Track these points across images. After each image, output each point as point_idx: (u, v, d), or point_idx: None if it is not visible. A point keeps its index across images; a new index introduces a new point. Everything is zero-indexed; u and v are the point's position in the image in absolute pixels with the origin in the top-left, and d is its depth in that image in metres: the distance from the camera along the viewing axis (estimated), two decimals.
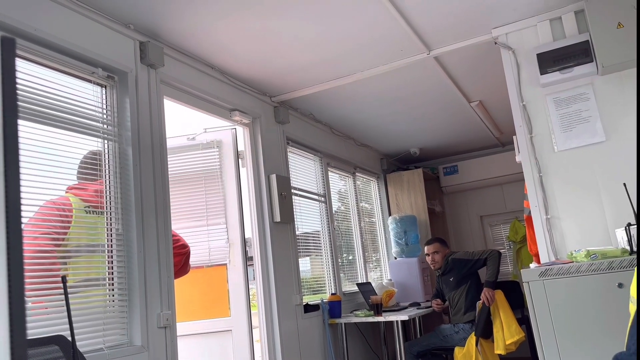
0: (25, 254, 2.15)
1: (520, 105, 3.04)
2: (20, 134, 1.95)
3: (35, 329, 2.02)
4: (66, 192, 2.39)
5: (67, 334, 2.12)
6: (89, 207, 2.40)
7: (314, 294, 4.23)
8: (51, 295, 2.15)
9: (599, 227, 2.71)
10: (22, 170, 2.04)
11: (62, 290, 2.20)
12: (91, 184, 2.45)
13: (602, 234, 2.69)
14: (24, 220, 2.14)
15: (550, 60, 2.92)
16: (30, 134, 2.18)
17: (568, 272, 2.15)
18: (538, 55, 2.94)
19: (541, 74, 2.94)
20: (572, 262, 2.29)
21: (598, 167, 2.80)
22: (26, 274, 2.13)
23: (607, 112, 2.83)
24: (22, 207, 1.90)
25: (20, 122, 2.12)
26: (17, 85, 1.90)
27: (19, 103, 2.12)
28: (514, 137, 3.11)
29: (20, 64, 2.21)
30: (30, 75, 2.23)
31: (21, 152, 2.10)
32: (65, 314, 1.45)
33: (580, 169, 2.84)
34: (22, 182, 2.02)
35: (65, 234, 2.29)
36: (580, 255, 2.21)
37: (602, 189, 2.76)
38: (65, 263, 2.29)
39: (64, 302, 1.39)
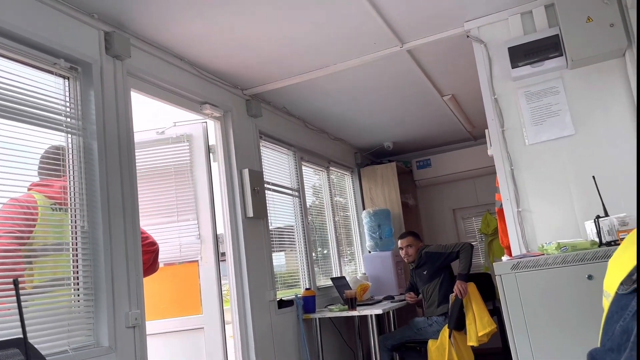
0: None
1: (492, 99, 3.06)
2: None
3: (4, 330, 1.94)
4: (29, 189, 2.29)
5: (29, 336, 2.04)
6: (55, 204, 2.31)
7: (288, 289, 4.20)
8: (14, 297, 2.05)
9: (569, 220, 2.75)
10: None
11: (25, 292, 2.12)
12: (56, 180, 2.36)
13: (572, 227, 2.72)
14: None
15: (521, 54, 2.93)
16: None
17: (539, 265, 2.17)
18: (509, 48, 2.95)
19: (512, 68, 2.95)
20: (543, 254, 2.30)
21: (567, 160, 2.83)
22: None
23: (576, 105, 2.86)
24: None
25: None
26: None
27: None
28: (486, 130, 3.13)
29: None
30: None
31: None
32: (19, 317, 1.37)
33: (550, 162, 2.87)
34: None
35: (31, 232, 2.20)
36: (551, 247, 2.23)
37: (571, 181, 2.80)
38: (30, 262, 2.20)
39: (16, 305, 1.32)
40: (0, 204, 2.12)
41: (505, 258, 2.52)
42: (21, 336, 1.80)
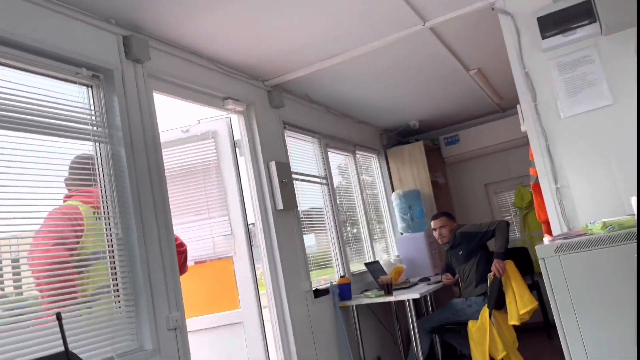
0: (41, 262, 2.11)
1: (523, 73, 2.93)
2: (5, 144, 1.85)
3: (47, 344, 1.97)
4: (64, 200, 2.31)
5: (75, 346, 2.07)
6: (96, 212, 2.34)
7: (321, 270, 4.18)
8: (68, 307, 2.12)
9: (611, 195, 2.63)
10: (10, 182, 1.96)
11: (77, 300, 2.16)
12: (93, 189, 2.37)
13: (615, 202, 2.61)
14: (30, 231, 2.09)
15: (551, 24, 2.79)
16: (18, 144, 2.09)
17: (585, 246, 2.08)
18: (538, 19, 2.81)
19: (542, 39, 2.82)
20: (587, 234, 2.22)
21: (606, 132, 2.71)
22: (44, 286, 2.11)
23: (613, 73, 2.72)
24: (17, 216, 1.77)
25: (3, 131, 2.03)
26: None
27: (2, 112, 2.03)
28: (518, 105, 3.02)
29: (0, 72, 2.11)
30: (11, 82, 2.13)
31: (8, 162, 2.02)
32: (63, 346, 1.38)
33: (588, 135, 2.75)
34: (13, 194, 1.94)
35: (78, 242, 2.24)
36: (596, 227, 2.14)
37: (612, 154, 2.67)
38: (81, 272, 2.24)
39: (61, 335, 1.32)
40: (40, 217, 2.15)
41: (546, 239, 2.43)
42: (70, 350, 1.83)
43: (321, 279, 4.15)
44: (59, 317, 1.31)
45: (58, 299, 2.10)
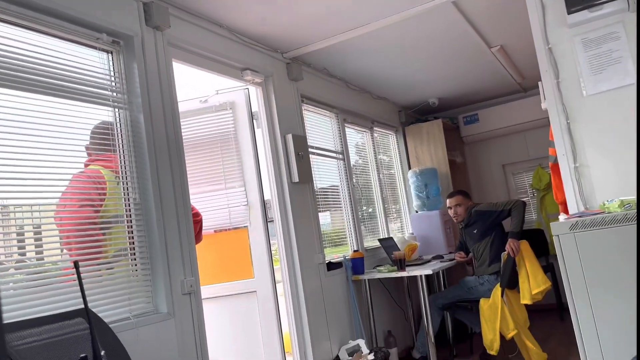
0: (70, 222, 2.20)
1: (546, 49, 2.87)
2: (27, 106, 1.89)
3: (67, 301, 2.04)
4: (86, 165, 2.36)
5: (94, 305, 2.14)
6: (117, 177, 2.39)
7: (335, 247, 4.22)
8: (92, 266, 2.21)
9: (630, 175, 2.59)
10: (31, 144, 2.01)
11: (100, 261, 2.24)
12: (113, 154, 2.42)
13: (634, 182, 2.57)
14: (51, 197, 2.15)
15: None
16: (37, 106, 2.12)
17: (600, 224, 2.07)
18: None
19: (568, 14, 2.74)
20: (603, 212, 2.19)
21: (630, 110, 2.65)
22: (74, 245, 2.19)
23: None
24: (37, 182, 1.84)
25: (25, 94, 2.07)
26: (20, 56, 1.83)
27: (24, 74, 2.06)
28: (539, 82, 2.96)
29: (22, 34, 2.14)
30: (33, 45, 2.16)
31: (29, 125, 2.06)
32: (80, 293, 1.43)
33: (611, 113, 2.69)
34: (32, 157, 1.99)
35: (101, 205, 2.30)
36: (614, 205, 2.12)
37: (634, 134, 2.62)
38: (104, 233, 2.31)
39: (78, 284, 1.37)
40: (62, 181, 2.20)
41: (562, 217, 2.41)
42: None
43: (335, 255, 4.19)
44: (76, 265, 1.35)
45: (86, 258, 2.19)
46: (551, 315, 5.24)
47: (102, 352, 1.39)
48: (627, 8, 2.64)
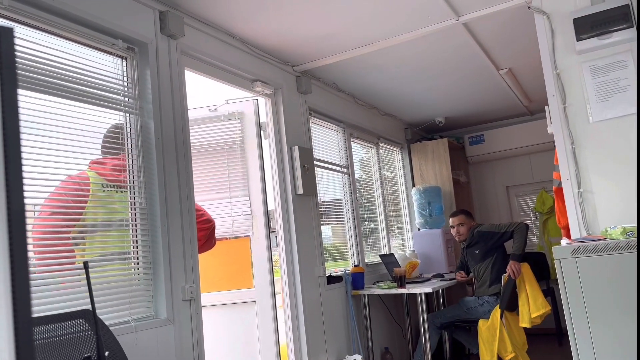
0: (39, 229, 2.16)
1: (554, 74, 2.90)
2: (40, 107, 1.92)
3: (56, 304, 2.04)
4: (88, 166, 2.37)
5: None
6: (106, 183, 2.37)
7: (336, 262, 4.23)
8: (66, 271, 2.14)
9: (633, 203, 2.60)
10: (43, 145, 2.03)
11: (80, 268, 2.19)
12: (111, 158, 2.43)
13: (637, 210, 2.58)
14: (44, 195, 2.14)
15: (587, 26, 2.75)
16: (50, 108, 2.16)
17: (602, 250, 2.07)
18: (574, 20, 2.78)
19: (577, 41, 2.78)
20: (606, 238, 2.20)
21: (635, 139, 2.67)
22: (36, 249, 2.13)
23: None
24: (45, 182, 1.87)
25: (40, 95, 2.10)
26: (37, 58, 1.86)
27: (38, 76, 2.10)
28: (546, 107, 2.98)
29: (39, 36, 2.18)
30: (49, 48, 2.20)
31: (41, 126, 2.09)
32: (88, 293, 1.44)
33: (616, 141, 2.71)
34: (43, 157, 2.01)
35: (83, 209, 2.27)
36: (616, 232, 2.13)
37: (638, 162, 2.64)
38: (83, 238, 2.28)
39: (86, 283, 1.38)
40: (60, 181, 2.20)
41: (564, 241, 2.42)
42: (87, 308, 1.90)
43: (335, 270, 4.19)
44: (85, 265, 1.37)
45: (50, 269, 2.10)
46: (550, 340, 5.20)
47: (107, 353, 1.40)
48: (636, 37, 2.67)
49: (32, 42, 2.13)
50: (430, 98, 4.97)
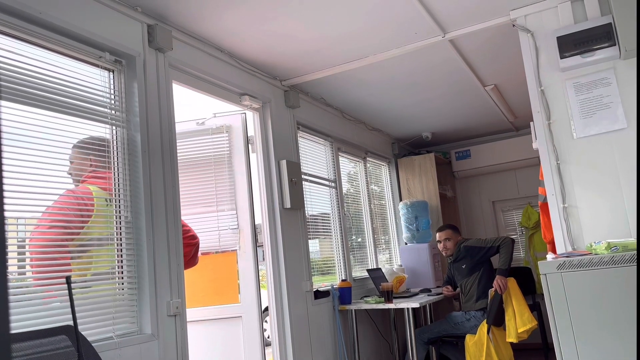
0: (36, 244, 2.13)
1: (539, 91, 2.95)
2: (25, 119, 1.89)
3: (44, 318, 2.00)
4: (82, 181, 2.34)
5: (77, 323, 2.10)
6: (109, 197, 2.37)
7: (323, 276, 4.21)
8: (60, 285, 2.12)
9: (618, 218, 2.64)
10: (27, 158, 2.00)
11: (76, 282, 2.18)
12: (109, 172, 2.41)
13: (622, 225, 2.61)
14: (41, 208, 2.12)
15: (570, 44, 2.81)
16: (36, 120, 2.13)
17: (588, 265, 2.09)
18: (558, 38, 2.84)
19: (561, 58, 2.84)
20: (591, 253, 2.22)
21: (618, 155, 2.71)
22: (33, 262, 2.11)
23: (629, 97, 2.73)
24: (27, 195, 1.84)
25: (25, 107, 2.08)
26: (23, 70, 1.84)
27: (25, 88, 2.08)
28: (531, 123, 3.03)
29: (26, 49, 2.16)
30: (36, 60, 2.18)
31: (26, 139, 2.06)
32: (70, 310, 1.41)
33: (599, 156, 2.75)
34: (27, 170, 1.98)
35: (84, 224, 2.26)
36: (601, 247, 2.15)
37: (622, 178, 2.68)
38: (84, 252, 2.26)
39: (69, 299, 1.36)
40: (44, 194, 2.17)
41: (549, 256, 2.44)
42: (69, 323, 1.87)
43: (322, 284, 4.17)
44: (68, 280, 1.34)
45: (48, 282, 2.08)
46: (536, 355, 5.21)
47: None
48: (619, 55, 2.73)
49: (18, 54, 2.11)
50: (417, 113, 5.01)
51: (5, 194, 1.95)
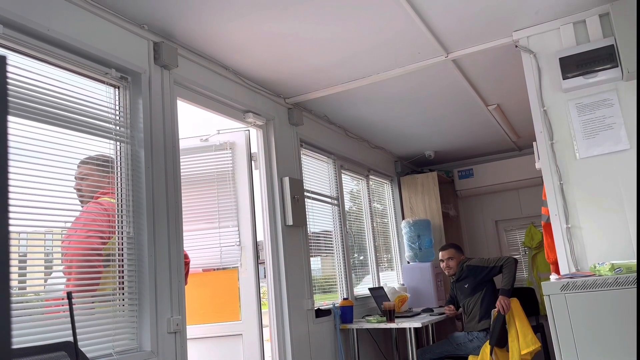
0: (75, 253, 2.20)
1: (541, 111, 2.96)
2: (31, 135, 1.91)
3: (45, 334, 1.99)
4: (96, 198, 2.36)
5: (78, 338, 2.09)
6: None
7: (324, 294, 4.18)
8: (86, 297, 2.20)
9: (621, 238, 2.62)
10: (32, 173, 2.01)
11: (95, 294, 2.22)
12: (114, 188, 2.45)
13: (625, 246, 2.60)
14: (46, 223, 2.14)
15: (573, 65, 2.83)
16: (42, 135, 2.15)
17: (591, 286, 2.07)
18: (561, 59, 2.86)
19: (563, 79, 2.85)
20: (594, 274, 2.20)
21: (621, 176, 2.71)
22: (75, 274, 2.20)
23: (632, 119, 2.74)
24: (35, 210, 1.84)
25: (32, 123, 2.10)
26: (30, 86, 1.87)
27: (31, 104, 2.10)
28: (534, 143, 3.03)
29: (33, 65, 2.19)
30: (43, 76, 2.20)
31: (32, 153, 2.08)
32: (71, 326, 1.41)
33: (602, 177, 2.75)
34: (33, 185, 1.99)
35: (110, 238, 2.32)
36: (604, 268, 2.13)
37: (625, 198, 2.67)
38: (107, 266, 2.31)
39: (69, 316, 1.35)
40: (59, 210, 2.19)
41: (553, 277, 2.42)
42: (68, 339, 1.86)
43: (324, 303, 4.14)
44: (69, 296, 1.34)
45: (84, 289, 2.19)
46: None
47: None
48: (621, 77, 2.74)
49: (25, 70, 2.14)
50: (420, 132, 5.02)
51: (14, 209, 1.97)
